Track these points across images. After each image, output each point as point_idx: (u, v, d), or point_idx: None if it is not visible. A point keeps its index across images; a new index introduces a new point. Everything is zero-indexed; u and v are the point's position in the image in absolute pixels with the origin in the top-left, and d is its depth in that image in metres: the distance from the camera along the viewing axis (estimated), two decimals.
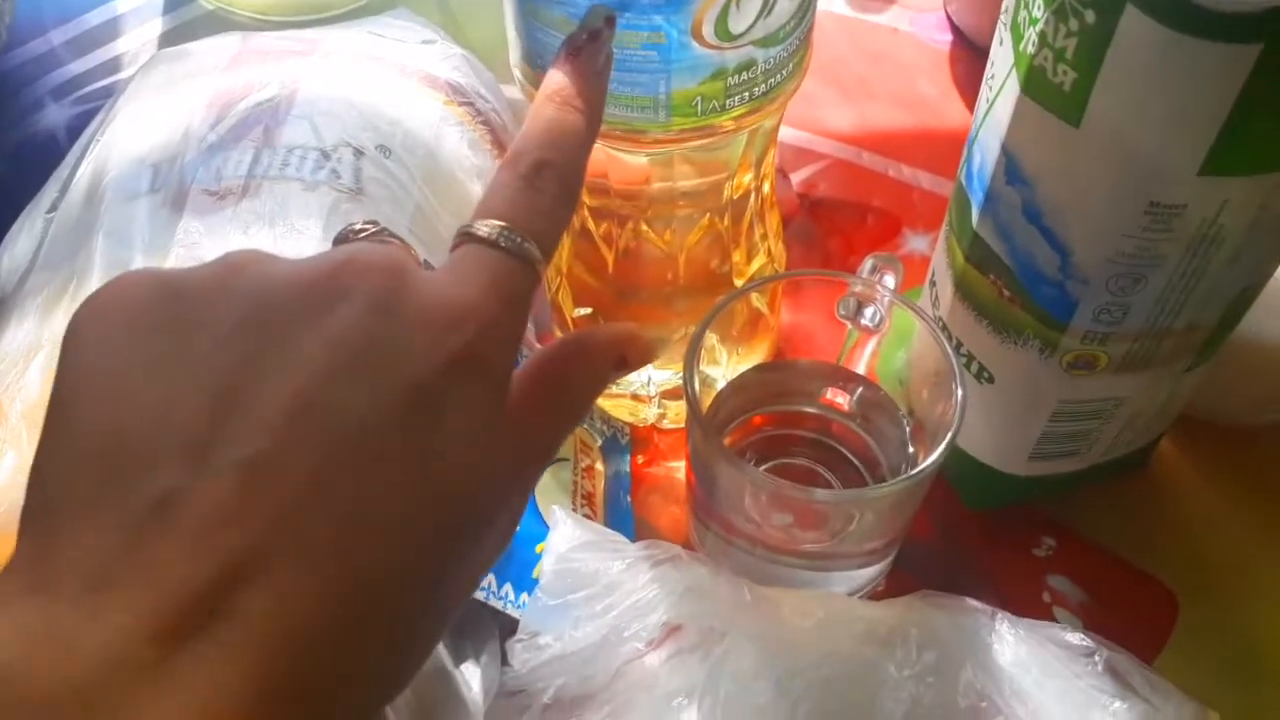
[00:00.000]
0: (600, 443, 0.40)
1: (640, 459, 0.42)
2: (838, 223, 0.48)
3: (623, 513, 0.39)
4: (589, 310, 0.39)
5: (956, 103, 0.53)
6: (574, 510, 0.36)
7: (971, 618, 0.32)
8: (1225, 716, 0.30)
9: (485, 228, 0.21)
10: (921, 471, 0.30)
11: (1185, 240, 0.27)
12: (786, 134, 0.51)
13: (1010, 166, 0.29)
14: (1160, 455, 0.41)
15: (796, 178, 0.50)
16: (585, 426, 0.39)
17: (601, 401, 0.42)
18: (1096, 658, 0.31)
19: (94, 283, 0.33)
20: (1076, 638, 0.31)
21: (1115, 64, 0.25)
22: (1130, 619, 0.37)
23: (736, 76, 0.29)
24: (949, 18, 0.56)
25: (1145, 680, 0.31)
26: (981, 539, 0.39)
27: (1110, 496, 0.40)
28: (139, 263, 0.34)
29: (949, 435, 0.30)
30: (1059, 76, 0.26)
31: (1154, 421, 0.36)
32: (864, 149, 0.51)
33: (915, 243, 0.48)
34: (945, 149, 0.49)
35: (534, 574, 0.33)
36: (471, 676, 0.31)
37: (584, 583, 0.32)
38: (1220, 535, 0.39)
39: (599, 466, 0.40)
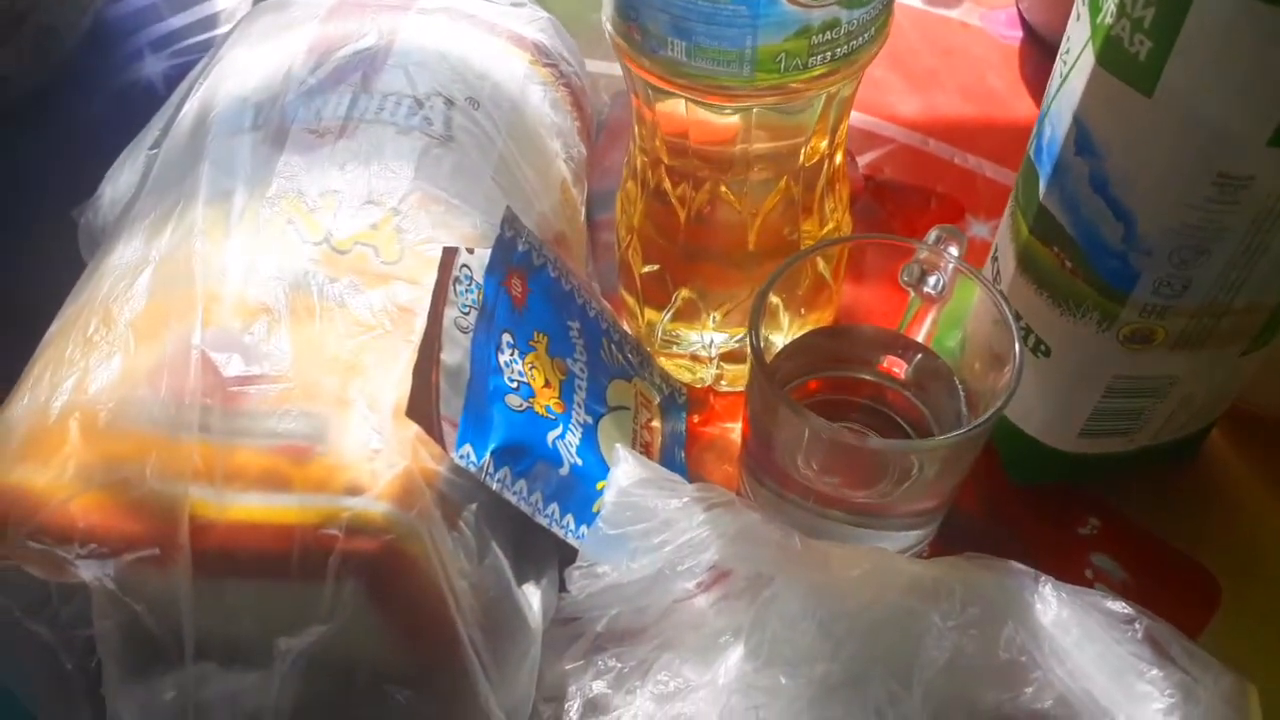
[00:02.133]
0: (658, 400, 0.41)
1: (696, 419, 0.43)
2: (901, 205, 0.49)
3: (677, 468, 0.41)
4: (657, 267, 0.40)
5: (1024, 97, 0.54)
6: None
7: (1015, 578, 0.33)
8: (1266, 709, 0.31)
9: None
10: (975, 427, 0.31)
11: (1251, 213, 0.28)
12: (855, 118, 0.52)
13: (1081, 137, 0.30)
14: (1210, 446, 0.41)
15: (863, 159, 0.51)
16: (645, 382, 0.41)
17: (662, 361, 0.43)
18: (1137, 625, 0.32)
19: (199, 207, 0.35)
20: (1118, 605, 0.32)
21: (1192, 32, 0.25)
22: (1172, 601, 0.38)
23: (820, 35, 0.30)
24: (1020, 14, 0.57)
25: (1184, 650, 0.32)
26: (1026, 515, 0.40)
27: (1158, 482, 0.40)
28: (241, 193, 0.36)
29: (1007, 393, 0.31)
30: (1135, 46, 0.27)
31: (1207, 406, 0.37)
32: (930, 136, 0.52)
33: (977, 229, 0.48)
34: (1010, 141, 0.50)
35: (594, 508, 0.34)
36: (532, 597, 0.32)
37: (642, 517, 0.33)
38: (1267, 526, 0.40)
39: (656, 423, 0.41)
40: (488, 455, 0.31)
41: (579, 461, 0.34)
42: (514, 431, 0.32)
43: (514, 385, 0.33)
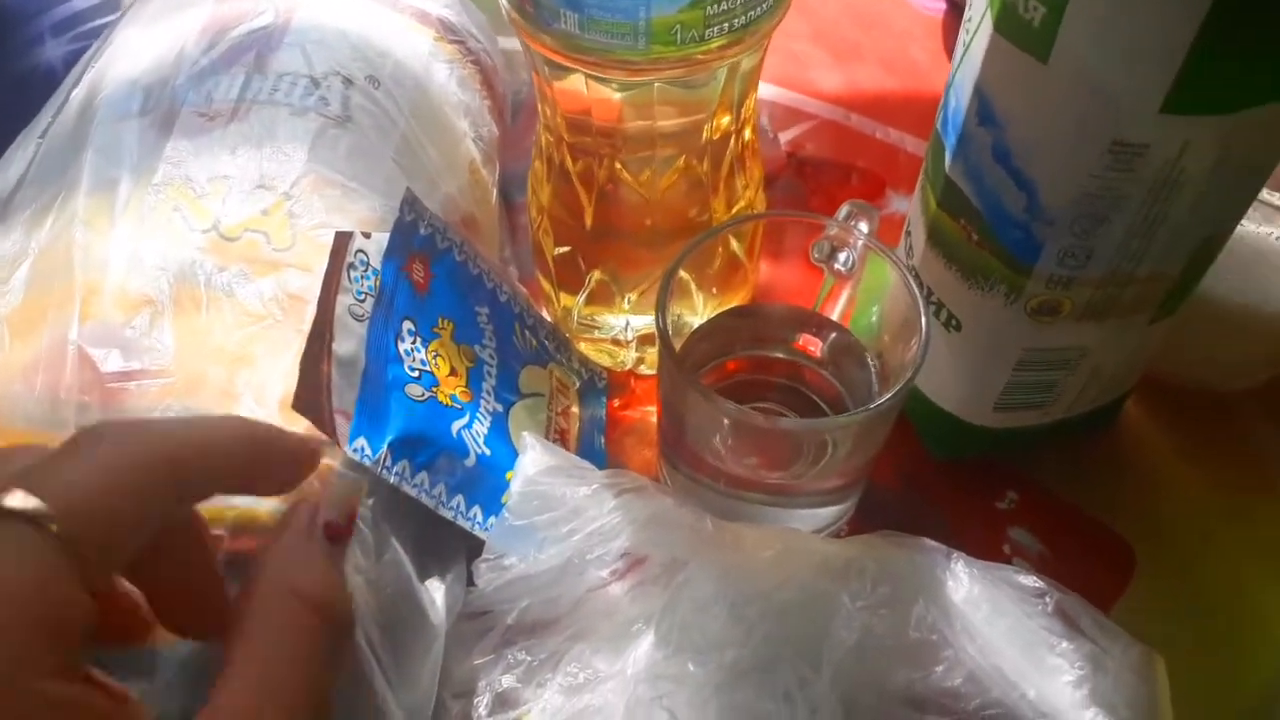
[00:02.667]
0: (577, 385, 0.41)
1: (617, 403, 0.43)
2: (823, 181, 0.49)
3: (596, 454, 0.40)
4: (568, 248, 0.39)
5: (946, 70, 0.53)
6: None
7: (927, 555, 0.32)
8: (1175, 669, 0.31)
9: None
10: (881, 403, 0.30)
11: (1148, 181, 0.28)
12: (776, 93, 0.52)
13: (983, 107, 0.30)
14: (1125, 416, 0.41)
15: (785, 136, 0.50)
16: (563, 368, 0.40)
17: (583, 346, 0.43)
18: (1047, 599, 0.32)
19: (81, 196, 0.34)
20: (1029, 579, 0.32)
21: None
22: (1088, 571, 0.38)
23: (716, 6, 0.29)
24: None
25: (1093, 622, 0.32)
26: (945, 489, 0.40)
27: (1075, 454, 0.40)
28: (126, 181, 0.34)
29: (913, 369, 0.31)
30: (1029, 12, 0.27)
31: (1118, 377, 0.37)
32: (853, 111, 0.51)
33: (898, 203, 0.48)
34: (932, 113, 0.50)
35: (503, 499, 0.34)
36: (436, 593, 0.31)
37: (550, 506, 0.32)
38: (1180, 495, 0.40)
39: (574, 409, 0.40)
40: (384, 448, 0.30)
41: (487, 451, 0.33)
42: (414, 422, 0.31)
43: (415, 374, 0.32)
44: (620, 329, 0.42)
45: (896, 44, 0.54)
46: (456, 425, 0.33)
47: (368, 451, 0.29)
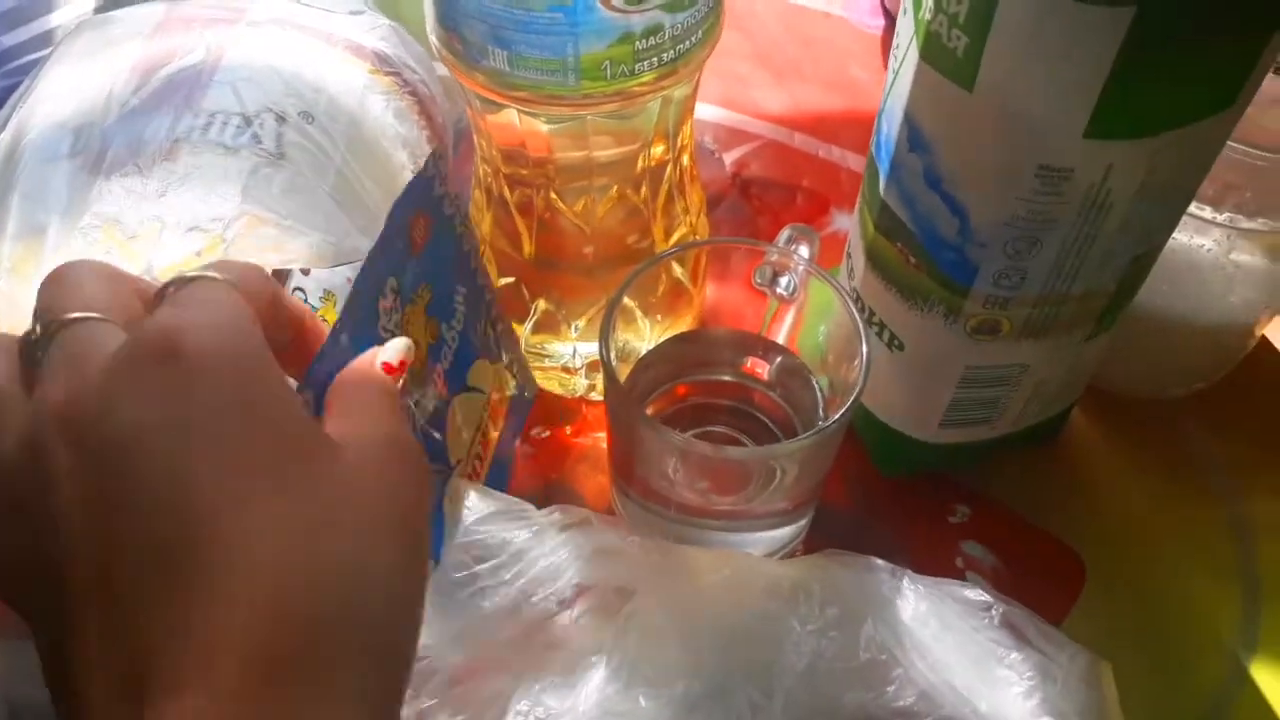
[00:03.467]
0: (511, 392, 0.38)
1: (569, 429, 0.42)
2: (768, 202, 0.49)
3: (504, 464, 0.38)
4: (512, 279, 0.39)
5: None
6: (470, 450, 0.35)
7: (874, 574, 0.32)
8: (1128, 674, 0.31)
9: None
10: (827, 427, 0.30)
11: (1076, 204, 0.28)
12: (720, 114, 0.52)
13: (912, 133, 0.30)
14: (1072, 427, 0.42)
15: (729, 157, 0.51)
16: (507, 371, 0.38)
17: (534, 373, 0.42)
18: (993, 612, 0.32)
19: (7, 242, 0.33)
20: (974, 593, 0.32)
21: (1002, 28, 0.25)
22: (1040, 582, 0.38)
23: (644, 41, 0.29)
24: (882, 3, 0.57)
25: (1040, 632, 0.32)
26: (897, 506, 0.40)
27: (1024, 466, 0.41)
28: (55, 225, 0.34)
29: (855, 392, 0.31)
30: (953, 41, 0.27)
31: (1061, 391, 0.37)
32: (796, 130, 0.52)
33: (841, 221, 0.48)
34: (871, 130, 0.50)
35: (442, 552, 0.33)
36: None
37: (491, 553, 0.31)
38: (1126, 504, 0.40)
39: (502, 414, 0.38)
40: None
41: (427, 435, 0.32)
42: None
43: (385, 335, 0.29)
44: (569, 356, 0.42)
45: (837, 62, 0.55)
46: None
47: (311, 406, 0.27)
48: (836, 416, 0.31)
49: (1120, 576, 0.39)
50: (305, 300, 0.32)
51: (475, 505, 0.32)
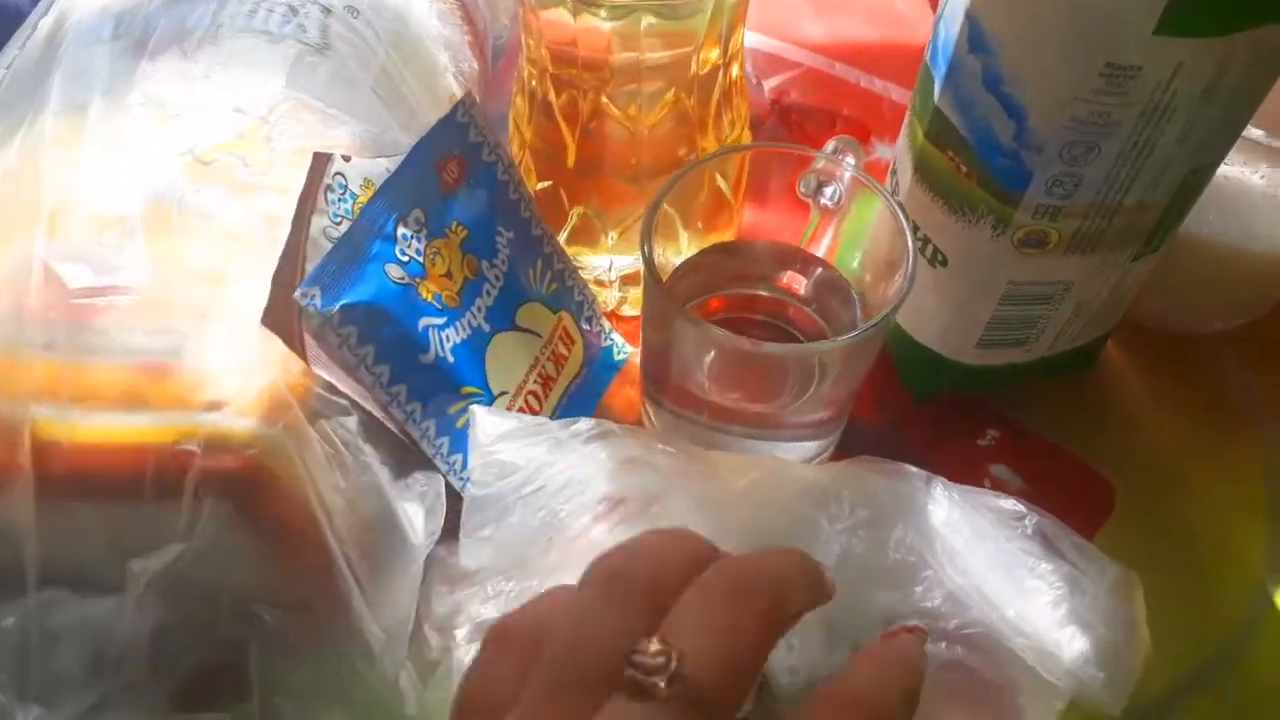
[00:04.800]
0: (584, 344, 0.39)
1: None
2: (807, 129, 0.49)
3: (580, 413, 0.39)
4: (550, 183, 0.38)
5: (930, 21, 0.53)
6: (523, 386, 0.36)
7: (906, 481, 0.32)
8: (1152, 600, 0.31)
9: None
10: (870, 326, 0.30)
11: (1139, 105, 0.28)
12: (760, 41, 0.51)
13: (974, 33, 0.30)
14: (1107, 358, 0.42)
15: (769, 84, 0.50)
16: (579, 322, 0.39)
17: None
18: (1026, 521, 0.32)
19: (48, 119, 0.33)
20: (1008, 503, 0.32)
21: None
22: (1067, 505, 0.37)
23: None
24: None
25: (1072, 544, 0.32)
26: (927, 428, 0.40)
27: (1056, 394, 0.40)
28: (97, 103, 0.33)
29: (899, 297, 0.30)
30: None
31: (1101, 314, 0.37)
32: (837, 60, 0.51)
33: (882, 151, 0.48)
34: (916, 64, 0.50)
35: (450, 410, 0.33)
36: (415, 515, 0.31)
37: (510, 470, 0.31)
38: (1159, 435, 0.40)
39: (571, 362, 0.39)
40: (337, 307, 0.29)
41: (450, 358, 0.33)
42: (380, 296, 0.30)
43: (403, 259, 0.32)
44: (604, 269, 0.42)
45: None
46: (426, 321, 0.32)
47: (316, 301, 0.28)
48: (880, 316, 0.31)
49: (1148, 505, 0.38)
50: (345, 186, 0.31)
51: (491, 426, 0.32)
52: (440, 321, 0.33)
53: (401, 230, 0.32)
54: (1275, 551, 0.38)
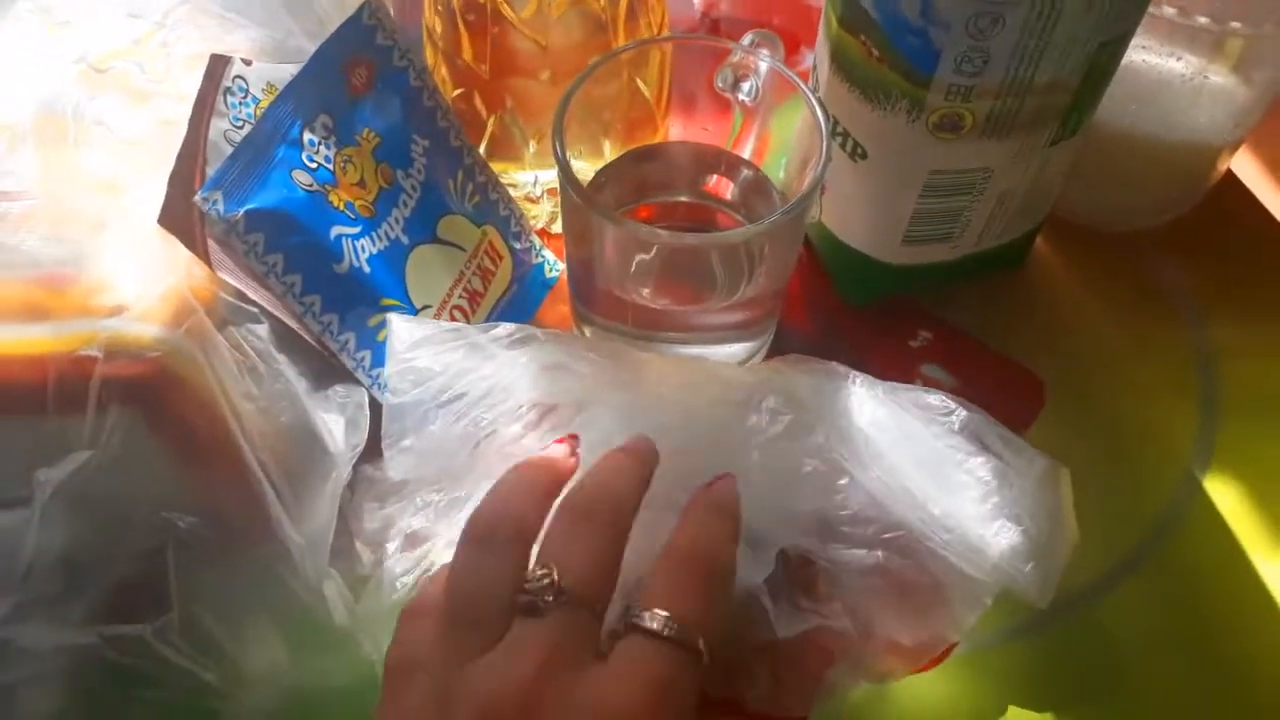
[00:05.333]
0: (513, 260, 0.39)
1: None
2: (737, 40, 0.48)
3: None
4: (463, 90, 0.38)
5: None
6: (448, 301, 0.36)
7: (832, 380, 0.32)
8: (1084, 488, 0.31)
9: (652, 619, 0.23)
10: (790, 207, 0.30)
11: None
12: None
13: None
14: (1037, 256, 0.42)
15: None
16: (505, 237, 0.38)
17: None
18: (954, 417, 0.32)
19: None
20: (935, 398, 0.32)
21: None
22: (999, 403, 0.37)
23: None
24: None
25: (999, 438, 0.32)
26: (858, 330, 0.40)
27: (986, 293, 0.40)
28: None
29: (819, 168, 0.30)
30: None
31: (1025, 208, 0.37)
32: None
33: (810, 60, 0.47)
34: None
35: (370, 323, 0.33)
36: (334, 424, 0.30)
37: (427, 376, 0.31)
38: (1090, 330, 0.40)
39: (499, 277, 0.38)
40: (241, 212, 0.28)
41: (365, 268, 0.32)
42: (287, 204, 0.30)
43: (311, 165, 0.31)
44: (529, 184, 0.41)
45: None
46: (339, 230, 0.31)
47: (219, 207, 0.28)
48: (797, 198, 0.30)
49: (1080, 398, 0.39)
50: (246, 90, 0.31)
51: (406, 333, 0.31)
52: (354, 231, 0.32)
53: (308, 136, 0.31)
54: (1204, 440, 0.38)
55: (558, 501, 0.26)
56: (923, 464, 0.31)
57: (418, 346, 0.31)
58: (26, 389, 0.26)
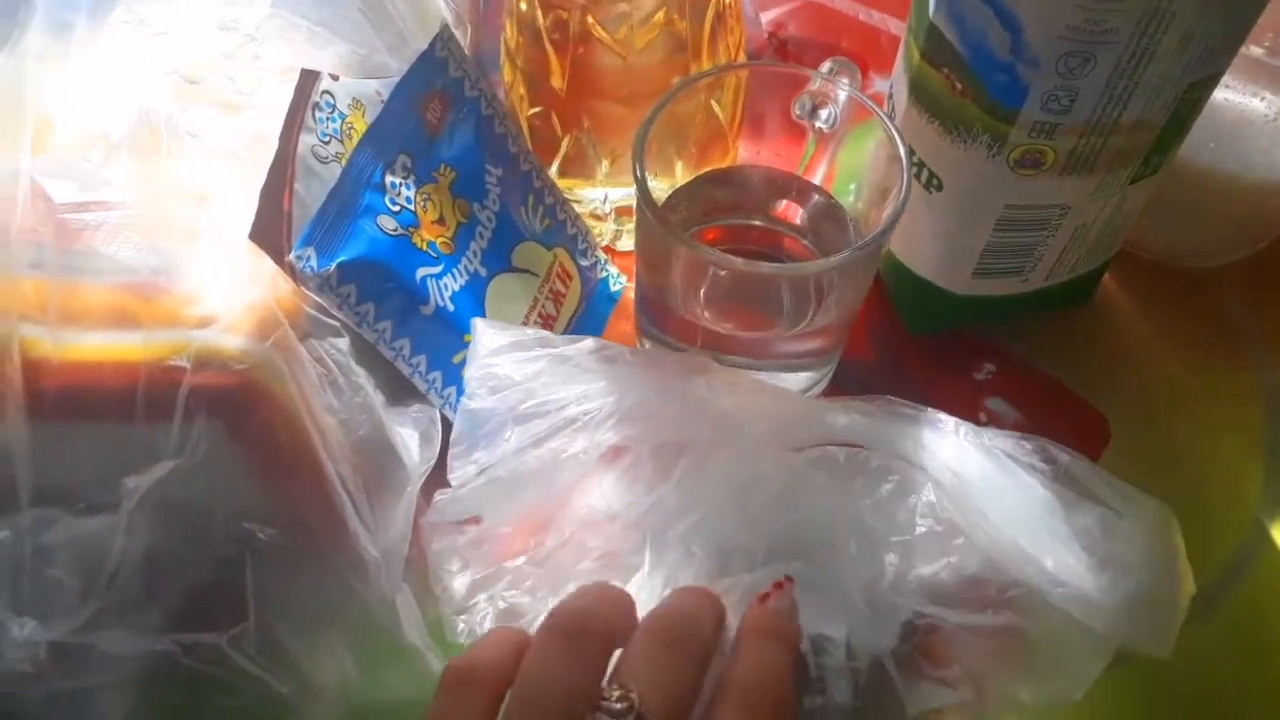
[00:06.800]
0: (580, 279, 0.39)
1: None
2: (805, 62, 0.48)
3: None
4: (541, 109, 0.38)
5: None
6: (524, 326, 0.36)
7: (933, 429, 0.31)
8: None
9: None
10: (865, 243, 0.30)
11: (1135, 14, 0.27)
12: None
13: None
14: (1105, 292, 0.41)
15: (766, 16, 0.49)
16: (575, 257, 0.39)
17: None
18: (1058, 465, 0.31)
19: (32, 37, 0.32)
20: (1033, 443, 0.31)
21: None
22: (1062, 439, 0.37)
23: None
24: None
25: (1105, 484, 0.31)
26: (923, 362, 0.40)
27: (1053, 327, 0.40)
28: (82, 23, 0.33)
29: (895, 209, 0.30)
30: None
31: (1099, 243, 0.37)
32: None
33: (880, 85, 0.47)
34: None
35: (455, 359, 0.33)
36: (410, 439, 0.31)
37: (506, 384, 0.31)
38: (1157, 368, 0.40)
39: (570, 298, 0.39)
40: (333, 266, 0.29)
41: (450, 306, 0.33)
42: (376, 251, 0.30)
43: (394, 208, 0.31)
44: (599, 202, 0.41)
45: None
46: (423, 271, 0.32)
47: (312, 263, 0.28)
48: (873, 235, 0.30)
49: (1144, 440, 0.38)
50: (334, 106, 0.31)
51: (490, 339, 0.31)
52: (437, 270, 0.33)
53: (390, 178, 0.31)
54: (1272, 487, 0.37)
55: (643, 620, 0.25)
56: (1030, 515, 0.30)
57: (500, 353, 0.31)
58: (117, 395, 0.26)
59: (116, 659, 0.26)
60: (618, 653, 0.24)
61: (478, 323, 0.32)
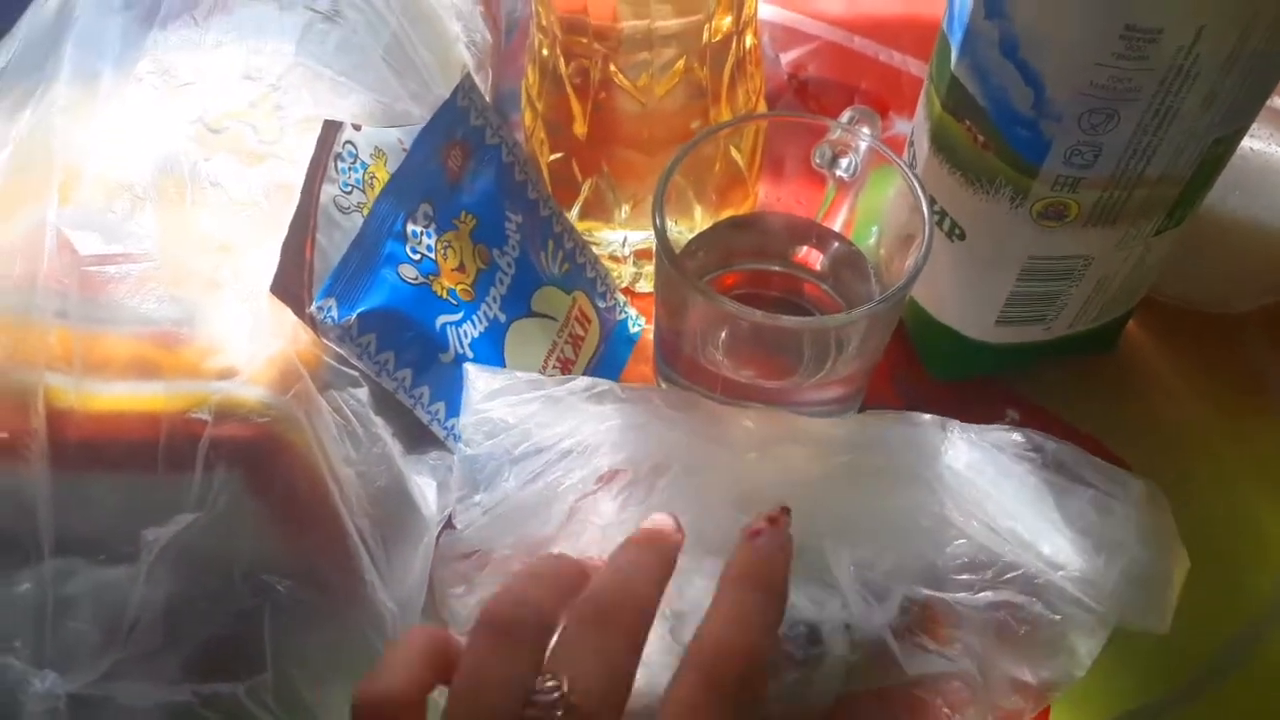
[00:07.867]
0: (599, 321, 0.39)
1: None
2: (825, 103, 0.48)
3: None
4: (562, 154, 0.38)
5: None
6: (543, 372, 0.36)
7: (923, 430, 0.32)
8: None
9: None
10: (886, 296, 0.30)
11: (1160, 71, 0.27)
12: (777, 14, 0.51)
13: None
14: (1128, 339, 0.41)
15: (786, 57, 0.49)
16: (593, 300, 0.39)
17: None
18: (1045, 452, 0.32)
19: (60, 88, 0.33)
20: (1020, 434, 0.32)
21: None
22: None
23: None
24: None
25: (1093, 468, 0.32)
26: (946, 408, 0.39)
27: (1077, 375, 0.40)
28: (108, 73, 0.33)
29: (916, 264, 0.30)
30: None
31: (1123, 292, 0.36)
32: (855, 33, 0.50)
33: (901, 126, 0.47)
34: (935, 37, 0.49)
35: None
36: (427, 489, 0.31)
37: (501, 429, 0.31)
38: (1179, 417, 0.39)
39: (588, 342, 0.39)
40: (354, 316, 0.29)
41: (469, 354, 0.33)
42: (397, 300, 0.30)
43: (415, 257, 0.31)
44: (618, 245, 0.41)
45: None
46: (443, 319, 0.32)
47: (333, 313, 0.28)
48: (895, 288, 0.30)
49: (1167, 489, 0.37)
50: (356, 155, 0.31)
51: (483, 383, 0.31)
52: (457, 318, 0.33)
53: (411, 227, 0.31)
54: None
55: (575, 600, 0.24)
56: (1023, 502, 0.31)
57: (493, 397, 0.31)
58: (139, 446, 0.26)
59: (135, 710, 0.26)
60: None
61: (469, 369, 0.32)
